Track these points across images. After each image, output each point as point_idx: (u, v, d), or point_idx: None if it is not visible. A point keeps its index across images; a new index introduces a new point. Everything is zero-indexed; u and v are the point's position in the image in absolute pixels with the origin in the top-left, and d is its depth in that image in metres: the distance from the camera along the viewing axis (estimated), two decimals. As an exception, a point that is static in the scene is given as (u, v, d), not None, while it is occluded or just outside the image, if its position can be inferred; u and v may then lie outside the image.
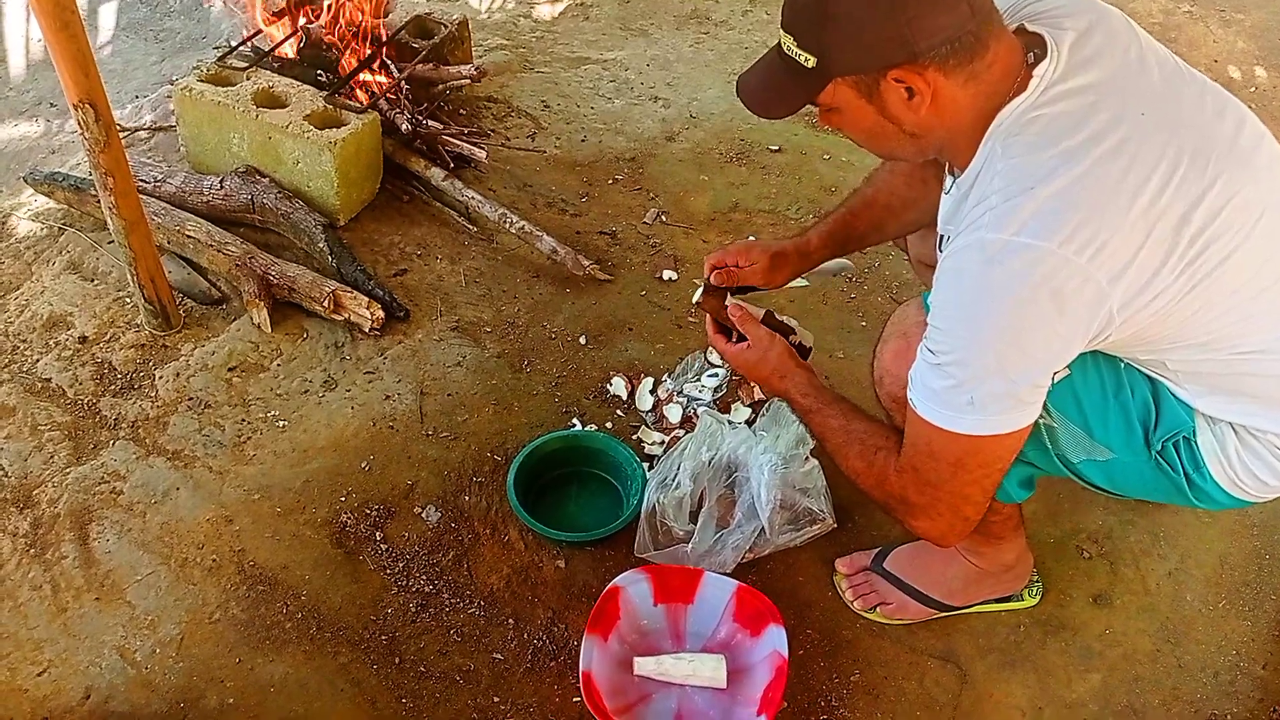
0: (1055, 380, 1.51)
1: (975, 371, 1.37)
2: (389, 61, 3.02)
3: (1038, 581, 2.10)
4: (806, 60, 1.40)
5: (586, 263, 2.75)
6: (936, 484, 1.48)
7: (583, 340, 2.62)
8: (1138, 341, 1.47)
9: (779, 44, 1.46)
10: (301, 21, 3.03)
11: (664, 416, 2.42)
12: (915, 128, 1.44)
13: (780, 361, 1.79)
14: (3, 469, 2.21)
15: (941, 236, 1.58)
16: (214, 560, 2.08)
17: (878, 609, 2.06)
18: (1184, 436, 1.58)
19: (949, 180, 1.58)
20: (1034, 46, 1.43)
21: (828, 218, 2.02)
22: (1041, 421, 1.57)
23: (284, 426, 2.34)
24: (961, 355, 1.38)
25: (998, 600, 2.06)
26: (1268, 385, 1.51)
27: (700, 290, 1.93)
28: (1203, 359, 1.50)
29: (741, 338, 1.85)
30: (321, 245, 2.62)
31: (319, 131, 2.67)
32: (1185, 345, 1.48)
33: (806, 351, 1.92)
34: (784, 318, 1.92)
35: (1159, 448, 1.58)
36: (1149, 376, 1.60)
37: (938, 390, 1.41)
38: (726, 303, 1.89)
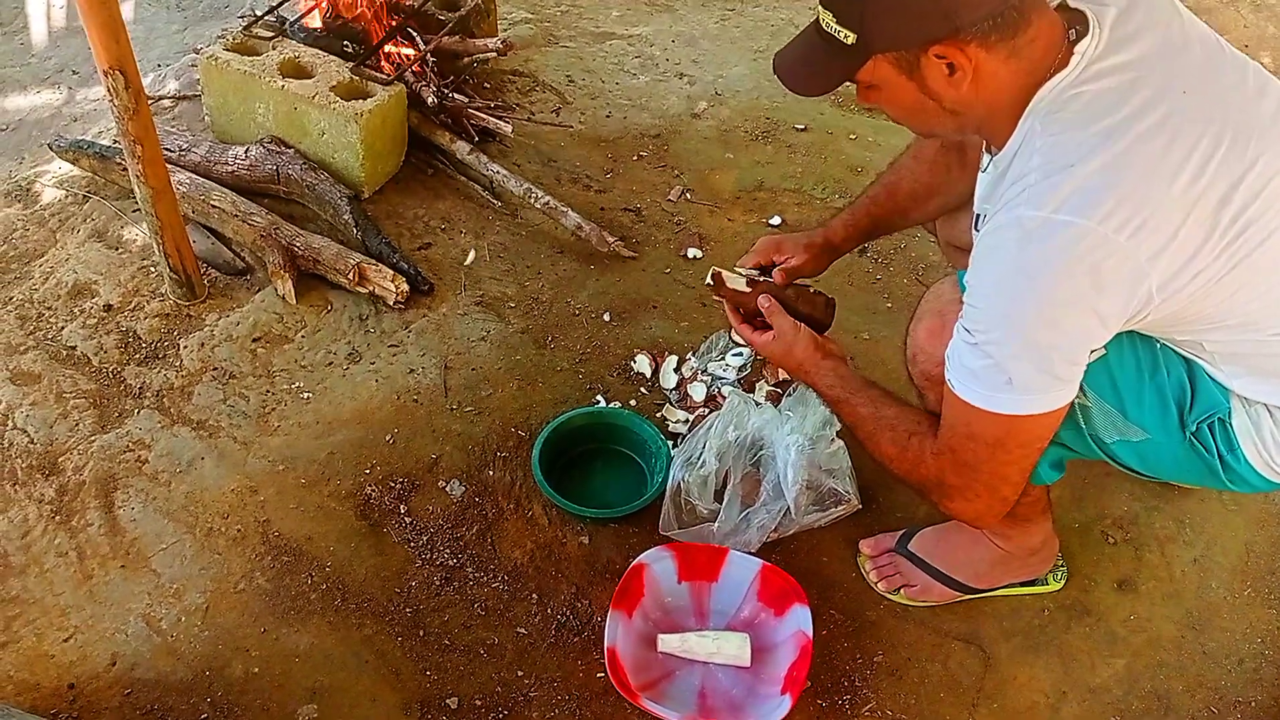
0: (1091, 360, 1.50)
1: (1013, 350, 1.36)
2: (415, 33, 3.00)
3: (1063, 566, 2.09)
4: (846, 37, 1.39)
5: (611, 239, 2.74)
6: (975, 465, 1.47)
7: (607, 317, 2.61)
8: (1176, 322, 1.46)
9: (816, 20, 1.44)
10: (327, -8, 3.01)
11: (688, 395, 2.42)
12: (955, 104, 1.43)
13: (806, 354, 1.77)
14: (29, 436, 2.21)
15: (978, 215, 1.57)
16: (239, 530, 2.09)
17: (902, 591, 2.05)
18: (1219, 418, 1.56)
19: (986, 158, 1.56)
20: (1075, 23, 1.41)
21: (851, 207, 2.00)
22: (1076, 401, 1.55)
23: (308, 398, 2.34)
24: (999, 334, 1.37)
25: (1022, 584, 2.06)
26: None
27: (710, 275, 1.88)
28: (1240, 340, 1.49)
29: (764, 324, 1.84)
30: (346, 217, 2.61)
31: (345, 103, 2.66)
32: (1223, 326, 1.47)
33: (832, 307, 1.91)
34: (804, 282, 1.92)
35: (1193, 429, 1.57)
36: (1185, 357, 1.58)
37: (975, 370, 1.40)
38: (758, 293, 1.86)
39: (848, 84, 1.47)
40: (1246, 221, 1.35)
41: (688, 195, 3.02)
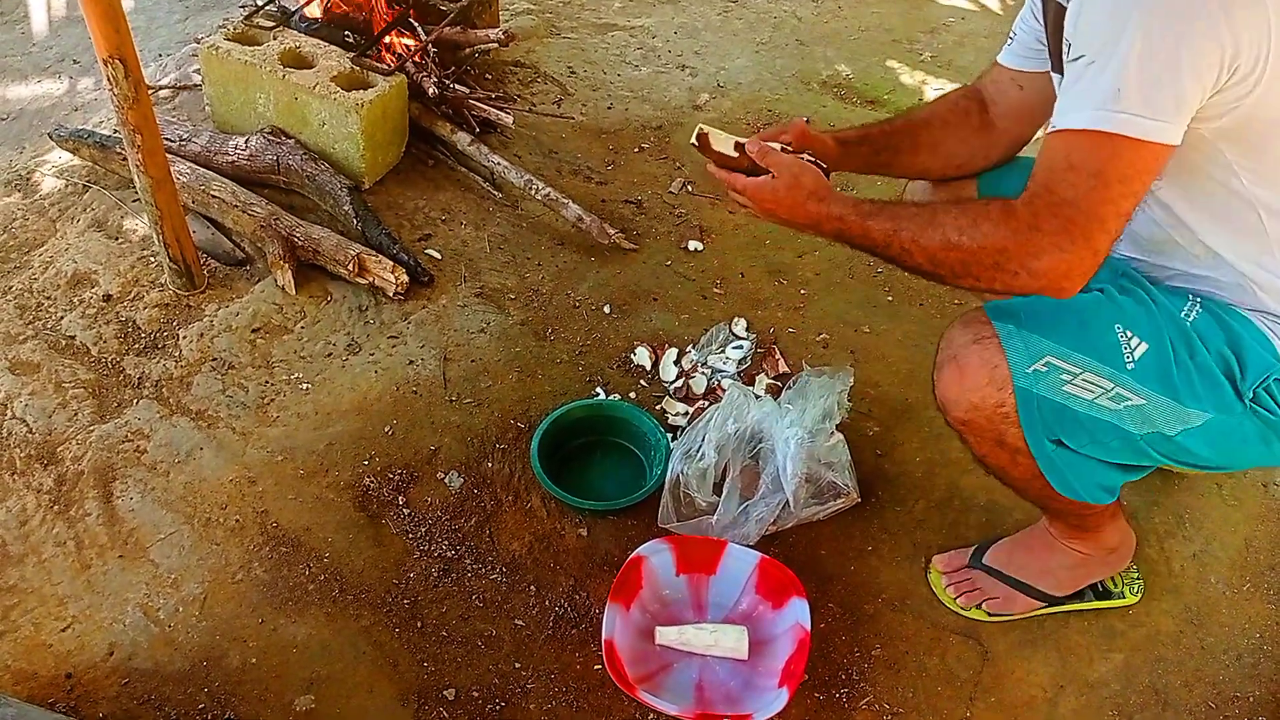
0: (1136, 355, 1.52)
1: (1127, 54, 1.31)
2: (416, 24, 3.00)
3: (1138, 577, 2.07)
4: None
5: (612, 231, 2.74)
6: (1073, 201, 1.39)
7: (607, 309, 2.61)
8: (1262, 139, 1.41)
9: None
10: (328, -19, 3.00)
11: (688, 387, 2.41)
12: None
13: (818, 182, 1.67)
14: (27, 425, 2.21)
15: (1066, 42, 1.50)
16: (237, 521, 2.08)
17: (983, 605, 2.02)
18: (1275, 379, 1.54)
19: None
20: None
21: (866, 124, 1.97)
22: (1129, 402, 1.55)
23: (307, 389, 2.34)
24: (1116, 36, 1.32)
25: (1097, 595, 2.03)
26: None
27: (695, 135, 1.76)
28: None
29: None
30: (346, 208, 2.61)
31: (345, 93, 2.65)
32: None
33: (827, 174, 1.78)
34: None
35: (1251, 396, 1.54)
36: (1221, 324, 1.56)
37: (1083, 88, 1.36)
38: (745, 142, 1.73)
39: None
40: None
41: (689, 188, 3.02)
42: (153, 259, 2.55)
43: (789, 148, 1.77)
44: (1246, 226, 1.53)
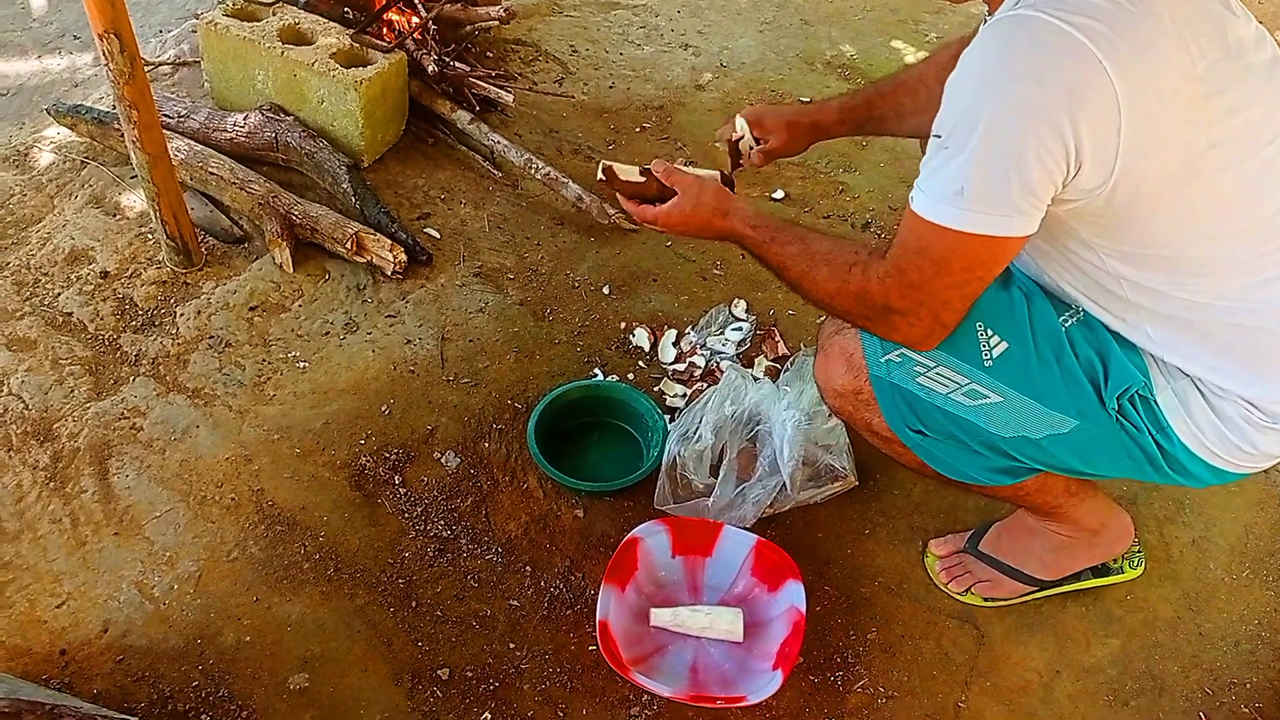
0: (995, 354, 1.52)
1: (973, 150, 1.30)
2: (416, 0, 2.97)
3: (1139, 551, 2.05)
4: None
5: (612, 211, 2.72)
6: (919, 285, 1.43)
7: (606, 290, 2.59)
8: (1122, 219, 1.39)
9: None
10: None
11: (687, 368, 2.40)
12: None
13: (719, 198, 1.69)
14: (23, 402, 2.21)
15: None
16: (233, 499, 2.08)
17: (973, 589, 2.02)
18: (1138, 393, 1.52)
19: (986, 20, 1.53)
20: None
21: (855, 93, 1.96)
22: (985, 400, 1.55)
23: (304, 368, 2.33)
24: (964, 128, 1.31)
25: (1095, 574, 2.02)
26: (1225, 335, 1.46)
27: (600, 170, 1.78)
28: (1163, 283, 1.44)
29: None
30: (345, 186, 2.59)
31: (345, 70, 2.64)
32: (1158, 259, 1.42)
33: (730, 184, 1.83)
34: (690, 167, 1.82)
35: (1115, 406, 1.53)
36: (1096, 335, 1.55)
37: (934, 170, 1.36)
38: (647, 166, 1.77)
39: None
40: (1217, 138, 1.32)
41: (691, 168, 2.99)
42: (150, 236, 2.54)
43: (694, 163, 1.79)
44: (1107, 291, 1.52)
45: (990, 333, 1.57)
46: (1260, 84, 1.36)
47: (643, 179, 1.77)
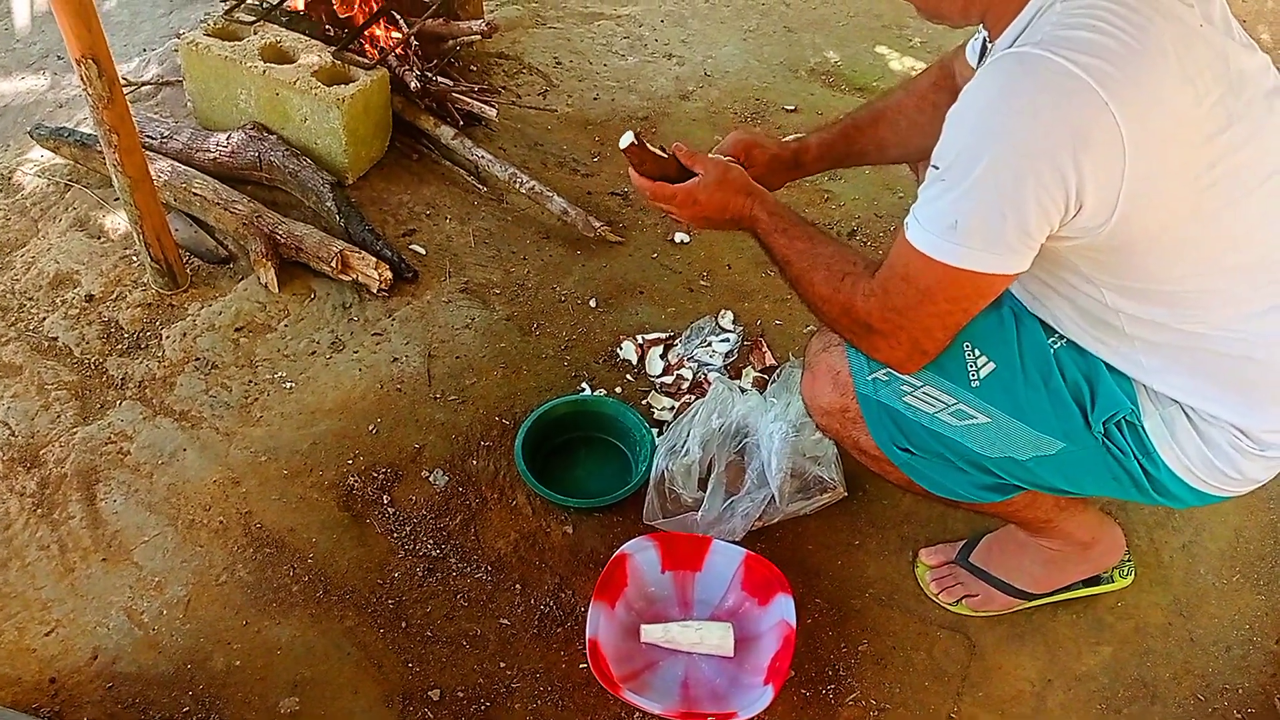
0: (982, 374, 1.53)
1: (970, 186, 1.30)
2: (398, 16, 2.97)
3: (1129, 560, 2.05)
4: None
5: (598, 224, 2.72)
6: (902, 310, 1.43)
7: (593, 303, 2.59)
8: (1116, 258, 1.39)
9: None
10: (310, -25, 2.97)
11: (675, 382, 2.40)
12: None
13: (742, 180, 1.68)
14: (9, 428, 2.20)
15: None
16: (221, 522, 2.07)
17: (963, 601, 2.02)
18: (1125, 419, 1.52)
19: (978, 44, 1.56)
20: None
21: (831, 127, 1.96)
22: (972, 420, 1.56)
23: (291, 388, 2.32)
24: (962, 163, 1.31)
25: (1085, 584, 2.01)
26: (1219, 364, 1.46)
27: (629, 137, 1.70)
28: (1162, 315, 1.44)
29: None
30: (329, 204, 2.59)
31: (327, 88, 2.63)
32: (1154, 291, 1.42)
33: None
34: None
35: (1101, 430, 1.52)
36: (1085, 358, 1.55)
37: (930, 199, 1.35)
38: (669, 146, 1.73)
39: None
40: (1221, 174, 1.31)
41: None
42: (135, 258, 2.53)
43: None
44: (1105, 324, 1.51)
45: (978, 353, 1.57)
46: (1262, 117, 1.35)
47: (664, 156, 1.73)
